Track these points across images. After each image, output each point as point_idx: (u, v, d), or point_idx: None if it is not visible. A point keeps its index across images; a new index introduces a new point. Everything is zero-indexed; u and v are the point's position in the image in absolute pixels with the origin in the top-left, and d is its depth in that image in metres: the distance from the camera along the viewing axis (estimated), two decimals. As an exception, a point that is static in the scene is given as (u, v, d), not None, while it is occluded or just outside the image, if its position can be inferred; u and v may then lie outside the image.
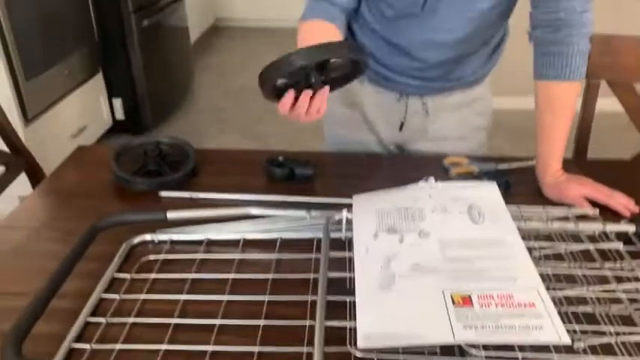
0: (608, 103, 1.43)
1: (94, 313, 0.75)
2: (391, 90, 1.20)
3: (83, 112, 2.74)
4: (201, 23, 4.69)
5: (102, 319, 0.74)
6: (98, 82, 2.88)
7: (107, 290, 0.80)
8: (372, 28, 1.12)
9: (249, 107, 3.55)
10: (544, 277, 0.74)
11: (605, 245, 0.82)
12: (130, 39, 2.86)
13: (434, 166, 1.13)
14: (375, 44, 1.14)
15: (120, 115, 3.05)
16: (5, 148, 1.47)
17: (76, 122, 2.68)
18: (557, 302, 0.70)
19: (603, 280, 0.74)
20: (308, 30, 1.01)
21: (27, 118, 2.26)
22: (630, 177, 1.10)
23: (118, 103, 3.02)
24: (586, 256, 0.80)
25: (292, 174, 1.07)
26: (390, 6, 1.04)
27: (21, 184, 1.49)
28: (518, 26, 1.15)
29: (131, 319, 0.74)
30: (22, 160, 1.48)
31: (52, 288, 0.73)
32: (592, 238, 0.85)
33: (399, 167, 1.19)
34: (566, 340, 0.63)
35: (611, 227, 0.87)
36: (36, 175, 1.53)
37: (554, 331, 0.64)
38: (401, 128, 1.25)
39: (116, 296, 0.78)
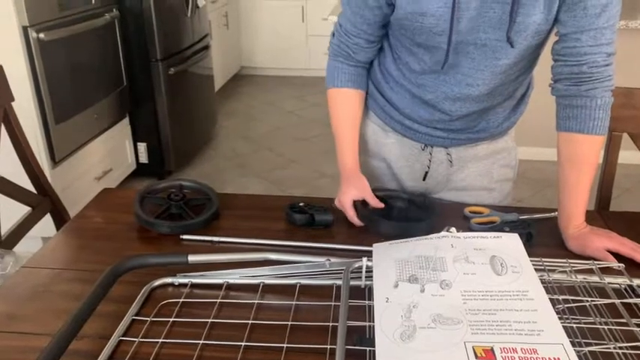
0: (631, 155, 1.42)
1: (112, 357, 0.75)
2: (416, 140, 1.21)
3: (108, 156, 2.80)
4: (227, 71, 4.82)
5: (120, 363, 0.74)
6: (124, 126, 2.96)
7: (126, 333, 0.80)
8: (397, 82, 1.14)
9: (270, 152, 3.61)
10: (568, 332, 0.72)
11: (632, 300, 0.80)
12: (157, 86, 2.95)
13: (455, 215, 1.13)
14: (399, 96, 1.16)
15: (144, 158, 3.11)
16: (32, 189, 1.50)
17: (102, 165, 2.74)
18: (582, 358, 0.68)
19: (631, 336, 0.72)
20: (340, 102, 1.18)
21: (54, 161, 2.31)
22: (656, 230, 1.08)
23: (142, 147, 3.09)
24: (612, 310, 0.78)
25: (312, 220, 1.08)
26: (420, 61, 1.06)
27: (45, 225, 1.51)
28: (543, 78, 1.17)
29: (149, 364, 0.74)
30: (47, 202, 1.51)
31: (73, 329, 0.73)
32: (617, 293, 0.83)
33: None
34: (593, 398, 0.61)
35: (638, 281, 0.85)
36: (60, 217, 1.56)
37: (580, 388, 0.62)
38: (425, 178, 1.25)
39: (135, 339, 0.78)
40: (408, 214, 1.10)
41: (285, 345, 0.76)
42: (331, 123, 1.19)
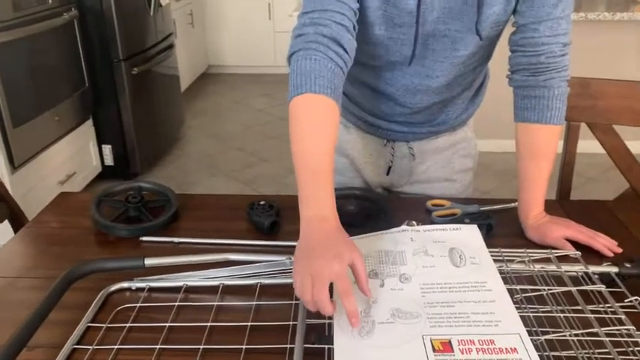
0: (592, 144, 1.44)
1: (65, 365, 0.73)
2: (377, 136, 1.21)
3: (72, 159, 2.74)
4: (194, 70, 4.77)
5: (73, 372, 0.71)
6: (88, 128, 2.90)
7: (81, 341, 0.77)
8: (355, 76, 1.13)
9: (240, 151, 3.58)
10: (526, 321, 0.72)
11: (587, 287, 0.81)
12: (120, 86, 2.89)
13: (418, 208, 1.13)
14: (359, 91, 1.15)
15: (109, 161, 3.06)
16: (-12, 196, 1.46)
17: (65, 168, 2.67)
18: (539, 347, 0.69)
19: (586, 323, 0.73)
20: (316, 110, 0.85)
21: (14, 165, 2.25)
22: (613, 218, 1.10)
23: (107, 149, 3.04)
24: (568, 298, 0.79)
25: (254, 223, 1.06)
26: (374, 58, 1.05)
27: (6, 233, 1.47)
28: (504, 71, 1.18)
29: (103, 371, 0.72)
30: (4, 208, 1.47)
31: (22, 339, 0.71)
32: (574, 280, 0.84)
33: (383, 210, 1.18)
34: (548, 386, 0.61)
35: (594, 269, 0.86)
36: (20, 223, 1.51)
37: (536, 377, 0.62)
38: (388, 172, 1.25)
39: (89, 347, 0.76)
40: (355, 218, 1.00)
41: (244, 346, 0.75)
42: (297, 139, 0.84)
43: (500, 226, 1.03)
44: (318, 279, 0.69)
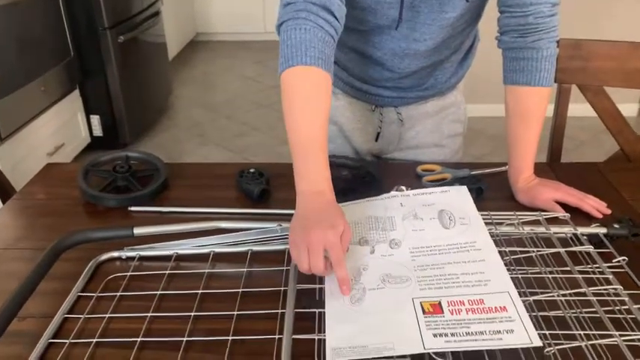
0: (585, 108, 1.44)
1: (56, 335, 0.73)
2: (365, 101, 1.20)
3: (60, 130, 2.70)
4: (182, 38, 4.68)
5: (65, 341, 0.71)
6: (75, 98, 2.86)
7: (72, 310, 0.77)
8: (342, 41, 1.11)
9: (230, 120, 3.55)
10: (515, 283, 0.73)
11: (576, 248, 0.81)
12: (107, 55, 2.84)
13: (408, 174, 1.13)
14: (346, 56, 1.13)
15: (98, 131, 3.02)
16: (-26, 168, 1.44)
17: (53, 140, 2.64)
18: (528, 307, 0.69)
19: (574, 283, 0.74)
20: (310, 84, 0.84)
21: (0, 137, 2.22)
22: (603, 180, 1.11)
23: (95, 119, 3.00)
24: (557, 259, 0.80)
25: (244, 191, 1.05)
26: (361, 22, 1.03)
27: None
28: (494, 33, 1.16)
29: (95, 340, 0.72)
30: (-9, 180, 1.45)
31: (12, 309, 0.71)
32: (563, 242, 0.84)
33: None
34: (537, 342, 0.62)
35: (583, 230, 0.87)
36: (7, 195, 1.50)
37: (525, 334, 0.63)
38: (377, 138, 1.24)
39: (80, 316, 0.76)
40: (346, 185, 1.01)
41: (235, 312, 0.76)
42: (290, 114, 0.84)
43: (491, 189, 1.03)
44: (313, 248, 0.71)
